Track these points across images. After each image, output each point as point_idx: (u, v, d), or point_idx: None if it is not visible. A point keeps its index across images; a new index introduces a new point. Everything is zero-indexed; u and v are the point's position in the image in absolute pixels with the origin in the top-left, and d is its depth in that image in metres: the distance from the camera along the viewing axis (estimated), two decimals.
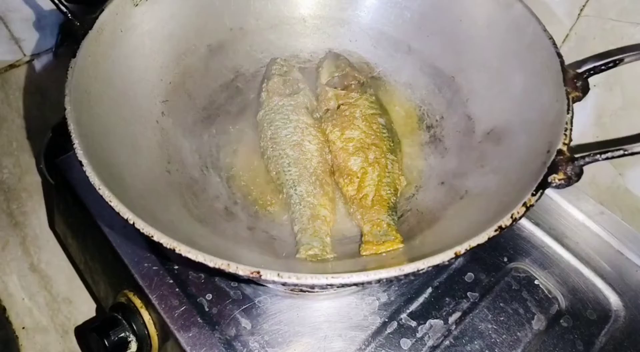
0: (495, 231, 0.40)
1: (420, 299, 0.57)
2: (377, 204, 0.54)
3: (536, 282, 0.60)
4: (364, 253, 0.51)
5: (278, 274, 0.37)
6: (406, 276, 0.38)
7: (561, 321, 0.57)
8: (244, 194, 0.58)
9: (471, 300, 0.58)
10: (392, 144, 0.60)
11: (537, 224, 0.65)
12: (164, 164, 0.55)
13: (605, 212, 0.65)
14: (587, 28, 0.66)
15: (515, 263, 0.62)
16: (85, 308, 0.79)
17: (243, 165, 0.60)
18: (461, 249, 0.39)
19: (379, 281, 0.38)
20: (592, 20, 0.65)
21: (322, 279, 0.37)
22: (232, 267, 0.37)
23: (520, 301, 0.58)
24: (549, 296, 0.59)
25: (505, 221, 0.40)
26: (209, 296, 0.56)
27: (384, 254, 0.50)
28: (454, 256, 0.39)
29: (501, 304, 0.58)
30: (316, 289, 0.55)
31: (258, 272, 0.37)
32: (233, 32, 0.67)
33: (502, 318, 0.57)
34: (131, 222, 0.39)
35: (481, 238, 0.40)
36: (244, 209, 0.57)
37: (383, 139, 0.58)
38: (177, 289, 0.55)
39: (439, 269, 0.51)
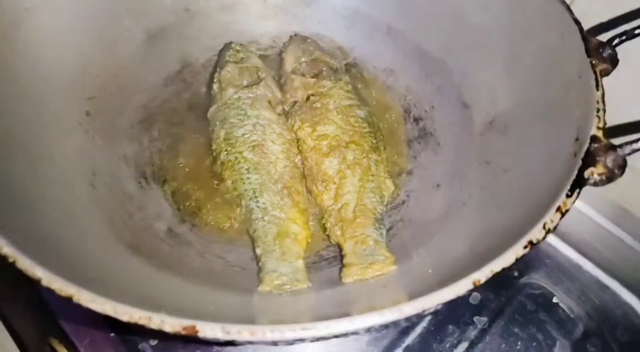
0: (525, 247, 0.30)
1: (418, 330, 0.50)
2: (360, 215, 0.45)
3: (555, 300, 0.53)
4: (346, 279, 0.41)
5: (222, 328, 0.26)
6: (407, 318, 0.27)
7: (588, 345, 0.51)
8: (193, 210, 0.48)
9: (479, 326, 0.51)
10: (374, 141, 0.50)
11: None
12: (87, 176, 0.45)
13: (630, 214, 0.56)
14: None
15: (527, 278, 0.54)
16: None
17: (192, 174, 0.50)
18: (481, 276, 0.28)
19: (369, 329, 0.26)
20: None
21: (288, 333, 0.26)
22: (156, 321, 0.26)
23: (538, 324, 0.51)
24: (572, 316, 0.52)
25: (537, 234, 0.30)
26: (154, 342, 0.47)
27: (371, 281, 0.40)
28: (472, 286, 0.28)
29: (515, 330, 0.51)
30: (280, 344, 0.43)
31: (194, 328, 0.25)
32: (177, 14, 0.57)
33: (518, 347, 0.50)
34: (10, 261, 0.28)
35: (506, 259, 0.29)
36: (193, 230, 0.47)
37: (363, 135, 0.50)
38: (112, 334, 0.47)
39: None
